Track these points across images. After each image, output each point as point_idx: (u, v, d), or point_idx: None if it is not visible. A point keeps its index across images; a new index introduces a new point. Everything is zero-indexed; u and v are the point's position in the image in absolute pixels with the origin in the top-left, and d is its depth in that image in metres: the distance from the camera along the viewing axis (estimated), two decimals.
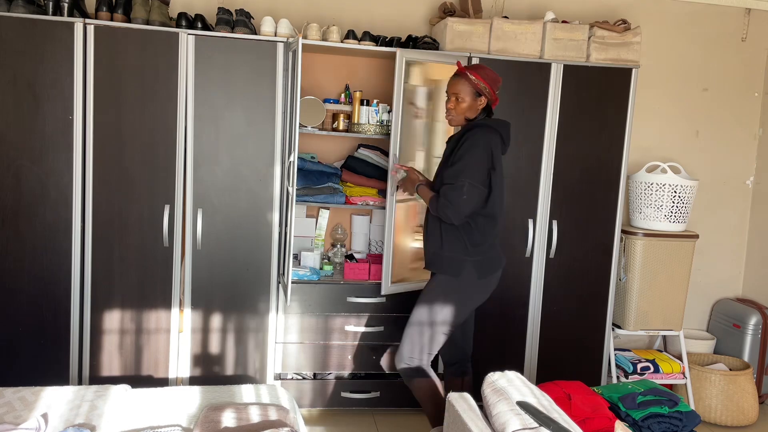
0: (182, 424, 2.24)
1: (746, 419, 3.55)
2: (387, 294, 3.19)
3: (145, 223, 3.03)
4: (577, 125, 3.35)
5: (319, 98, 3.40)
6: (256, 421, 2.17)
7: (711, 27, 3.93)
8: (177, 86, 3.00)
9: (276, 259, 3.17)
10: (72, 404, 2.31)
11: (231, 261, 3.13)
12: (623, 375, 3.55)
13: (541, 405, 1.83)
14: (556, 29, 3.29)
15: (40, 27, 2.86)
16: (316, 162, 3.44)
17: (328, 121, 3.48)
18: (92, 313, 3.03)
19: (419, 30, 3.61)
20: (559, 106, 3.31)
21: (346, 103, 3.48)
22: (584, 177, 3.39)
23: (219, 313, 3.15)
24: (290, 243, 2.95)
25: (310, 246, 3.57)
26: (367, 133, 3.36)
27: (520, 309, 3.42)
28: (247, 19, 3.09)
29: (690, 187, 3.55)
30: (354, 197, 3.37)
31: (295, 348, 3.24)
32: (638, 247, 3.53)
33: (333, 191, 3.34)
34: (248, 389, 2.54)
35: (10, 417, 2.19)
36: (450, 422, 2.02)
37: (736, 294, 4.14)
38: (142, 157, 3.00)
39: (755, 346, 3.78)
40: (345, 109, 3.48)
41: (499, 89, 2.74)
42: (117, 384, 2.47)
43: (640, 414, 2.56)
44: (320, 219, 3.58)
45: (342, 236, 3.52)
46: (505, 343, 3.44)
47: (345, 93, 3.50)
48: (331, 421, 3.28)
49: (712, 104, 3.99)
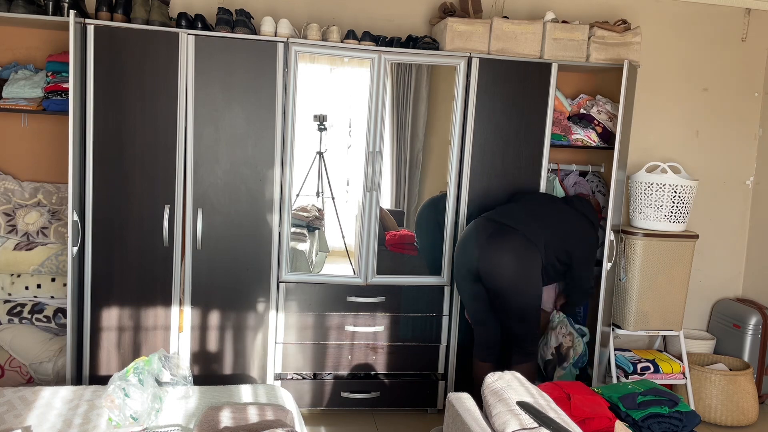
0: (182, 423, 2.24)
1: (746, 419, 3.54)
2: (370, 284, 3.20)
3: (145, 223, 3.03)
4: None
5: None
6: (255, 421, 2.17)
7: (711, 27, 3.93)
8: (177, 86, 3.00)
9: (276, 259, 3.17)
10: (71, 404, 2.32)
11: (231, 261, 3.13)
12: (623, 375, 3.55)
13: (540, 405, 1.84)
14: (556, 29, 3.29)
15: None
16: None
17: None
18: (92, 312, 3.03)
19: (419, 30, 3.61)
20: None
21: None
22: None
23: (219, 312, 3.15)
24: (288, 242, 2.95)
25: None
26: None
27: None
28: (247, 19, 3.09)
29: (690, 187, 3.55)
30: None
31: (295, 348, 3.24)
32: (638, 247, 3.53)
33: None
34: (248, 389, 2.55)
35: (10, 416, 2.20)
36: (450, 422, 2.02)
37: (736, 294, 4.14)
38: (142, 157, 3.01)
39: (755, 346, 3.78)
40: None
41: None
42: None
43: (640, 414, 2.56)
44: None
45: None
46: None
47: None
48: (331, 421, 3.28)
49: (712, 104, 3.99)
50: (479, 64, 3.22)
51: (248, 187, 3.11)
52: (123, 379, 2.20)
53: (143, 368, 2.29)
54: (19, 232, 3.18)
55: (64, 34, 3.13)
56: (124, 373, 2.24)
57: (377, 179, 3.24)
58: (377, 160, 3.24)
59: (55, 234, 3.19)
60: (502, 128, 3.29)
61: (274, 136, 3.10)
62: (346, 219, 3.49)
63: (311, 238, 3.52)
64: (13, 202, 3.24)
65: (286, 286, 3.21)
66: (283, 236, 3.17)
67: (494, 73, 3.25)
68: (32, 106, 3.09)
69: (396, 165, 3.40)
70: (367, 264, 3.30)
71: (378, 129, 3.21)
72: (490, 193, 3.31)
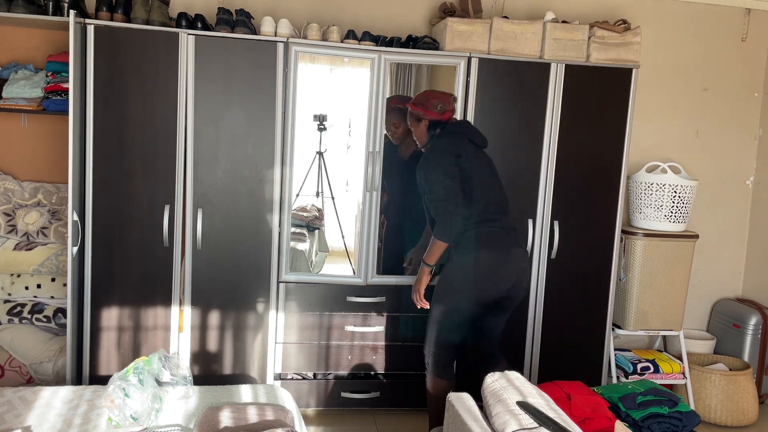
0: (182, 423, 2.24)
1: (746, 419, 3.54)
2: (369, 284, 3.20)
3: (145, 223, 3.03)
4: (577, 125, 3.34)
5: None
6: (255, 421, 2.17)
7: (711, 27, 3.93)
8: (177, 86, 3.00)
9: (276, 258, 3.17)
10: (71, 404, 2.32)
11: (231, 261, 3.13)
12: (623, 375, 3.55)
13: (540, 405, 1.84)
14: (556, 29, 3.29)
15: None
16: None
17: None
18: (92, 312, 3.03)
19: (419, 30, 3.61)
20: (560, 107, 3.31)
21: None
22: (584, 177, 3.39)
23: (219, 312, 3.15)
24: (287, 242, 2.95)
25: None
26: None
27: (520, 309, 3.41)
28: (247, 19, 3.09)
29: (690, 187, 3.55)
30: None
31: (295, 348, 3.24)
32: (638, 247, 3.53)
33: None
34: (248, 389, 2.55)
35: (10, 416, 2.20)
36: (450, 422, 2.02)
37: (736, 294, 4.14)
38: (142, 157, 3.01)
39: (755, 346, 3.78)
40: None
41: (441, 105, 2.86)
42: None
43: (640, 414, 2.56)
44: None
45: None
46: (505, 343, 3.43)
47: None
48: (331, 421, 3.28)
49: (712, 104, 3.99)
50: (479, 64, 3.23)
51: (248, 187, 3.11)
52: (123, 379, 2.21)
53: (143, 368, 2.29)
54: (19, 232, 3.18)
55: (64, 34, 3.13)
56: (124, 373, 2.24)
57: (377, 179, 3.23)
58: (377, 160, 3.24)
59: (55, 234, 3.19)
60: (501, 128, 3.29)
61: (274, 136, 3.10)
62: (345, 219, 3.50)
63: (311, 238, 3.52)
64: (13, 202, 3.24)
65: (286, 286, 3.21)
66: (283, 236, 3.17)
67: (494, 73, 3.25)
68: (32, 106, 3.09)
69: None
70: (367, 264, 3.30)
71: (378, 129, 3.21)
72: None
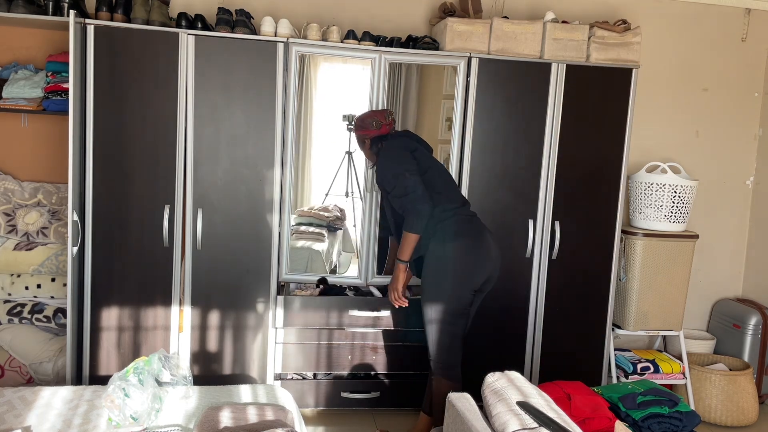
0: (182, 423, 2.24)
1: (746, 419, 3.54)
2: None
3: (145, 223, 3.03)
4: (577, 125, 3.34)
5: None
6: (255, 421, 2.17)
7: (711, 27, 3.93)
8: (177, 86, 3.00)
9: (276, 259, 3.17)
10: (71, 404, 2.32)
11: (231, 261, 3.13)
12: (623, 375, 3.55)
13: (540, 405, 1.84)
14: (556, 29, 3.29)
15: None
16: None
17: None
18: (92, 312, 3.03)
19: (419, 30, 3.61)
20: (560, 107, 3.31)
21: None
22: (584, 177, 3.39)
23: (219, 312, 3.15)
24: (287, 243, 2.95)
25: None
26: None
27: (520, 309, 3.42)
28: (247, 19, 3.09)
29: (690, 187, 3.55)
30: None
31: (295, 348, 3.24)
32: (638, 247, 3.53)
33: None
34: (247, 389, 2.55)
35: (10, 416, 2.20)
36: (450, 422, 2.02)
37: (736, 294, 4.14)
38: (142, 157, 3.01)
39: (755, 346, 3.78)
40: None
41: (376, 121, 2.92)
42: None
43: (640, 414, 2.56)
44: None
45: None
46: (505, 343, 3.44)
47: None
48: (331, 421, 3.28)
49: (712, 104, 3.99)
50: (479, 64, 3.23)
51: (248, 187, 3.11)
52: (123, 379, 2.21)
53: (143, 368, 2.29)
54: (19, 232, 3.18)
55: (64, 34, 3.13)
56: (124, 373, 2.24)
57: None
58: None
59: (55, 234, 3.19)
60: (501, 128, 3.29)
61: (274, 136, 3.10)
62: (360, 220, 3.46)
63: (331, 239, 3.50)
64: (13, 202, 3.24)
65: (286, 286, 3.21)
66: (283, 236, 3.17)
67: (494, 73, 3.25)
68: (32, 106, 3.09)
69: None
70: (368, 264, 3.30)
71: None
72: (489, 193, 3.31)
